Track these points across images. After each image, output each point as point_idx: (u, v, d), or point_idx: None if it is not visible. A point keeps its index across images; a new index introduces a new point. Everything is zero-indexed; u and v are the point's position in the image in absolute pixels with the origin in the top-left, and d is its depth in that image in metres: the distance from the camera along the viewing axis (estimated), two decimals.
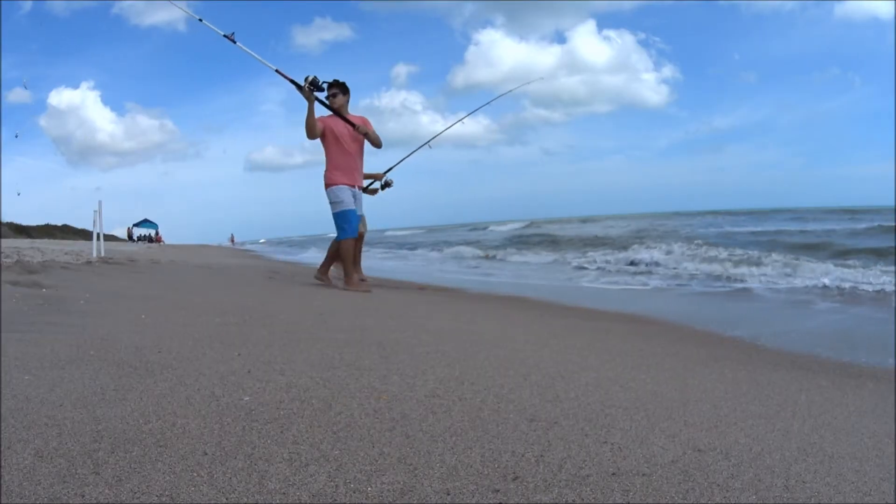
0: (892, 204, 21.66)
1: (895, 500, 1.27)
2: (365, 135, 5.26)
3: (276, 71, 5.09)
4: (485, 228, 41.73)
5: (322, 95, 5.17)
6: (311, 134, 5.10)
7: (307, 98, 4.99)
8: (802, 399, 2.02)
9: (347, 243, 5.25)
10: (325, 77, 5.12)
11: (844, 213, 24.91)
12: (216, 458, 1.26)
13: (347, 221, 5.23)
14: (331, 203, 5.24)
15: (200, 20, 5.29)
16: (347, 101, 5.29)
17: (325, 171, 5.28)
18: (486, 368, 2.18)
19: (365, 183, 6.35)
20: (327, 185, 5.26)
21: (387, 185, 6.53)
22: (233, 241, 53.55)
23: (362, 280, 6.04)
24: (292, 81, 5.04)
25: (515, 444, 1.41)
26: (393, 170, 6.42)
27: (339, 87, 5.23)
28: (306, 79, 4.99)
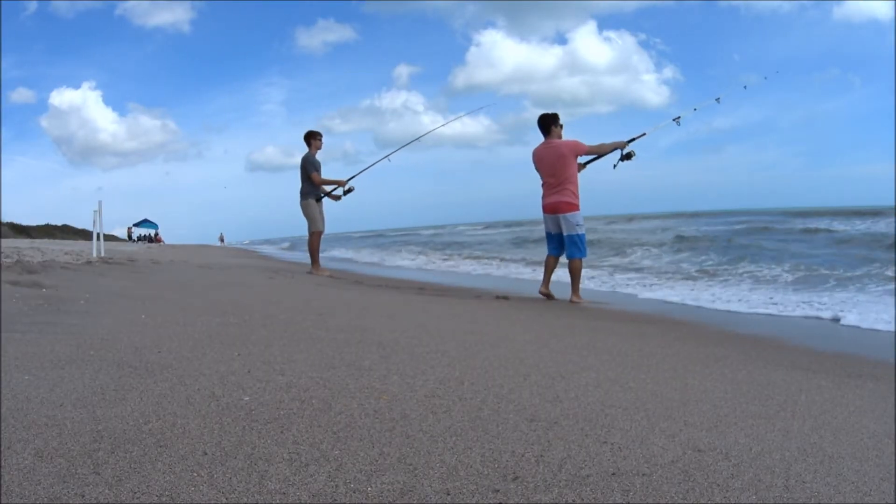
0: (893, 204, 21.66)
1: (895, 500, 1.27)
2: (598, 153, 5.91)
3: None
4: (417, 233, 42.35)
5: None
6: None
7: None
8: (802, 399, 2.02)
9: (581, 262, 5.75)
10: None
11: (829, 213, 24.99)
12: (216, 458, 1.26)
13: (585, 242, 5.77)
14: (576, 225, 5.67)
15: (718, 100, 6.55)
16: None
17: (572, 196, 5.69)
18: (486, 368, 2.18)
19: (328, 188, 7.61)
20: (575, 208, 5.68)
21: (349, 191, 7.56)
22: (222, 239, 53.88)
23: (323, 272, 7.61)
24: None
25: (515, 444, 1.41)
26: (355, 178, 7.60)
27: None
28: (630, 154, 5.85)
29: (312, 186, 7.53)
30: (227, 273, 7.18)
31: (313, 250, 7.73)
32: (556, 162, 5.63)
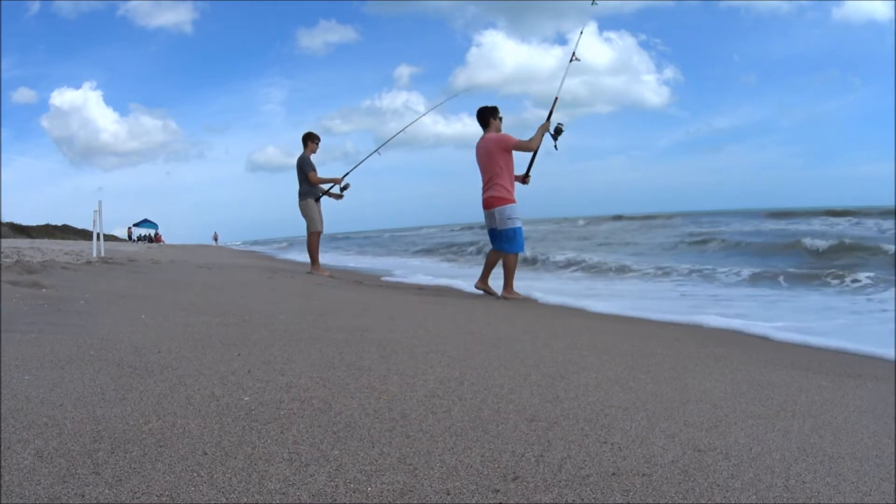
0: (893, 204, 21.68)
1: (895, 500, 1.27)
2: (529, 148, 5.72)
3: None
4: (380, 236, 42.72)
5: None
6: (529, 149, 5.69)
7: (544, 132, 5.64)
8: (802, 399, 2.01)
9: (515, 257, 5.67)
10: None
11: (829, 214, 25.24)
12: (216, 458, 1.26)
13: (521, 237, 5.64)
14: (508, 219, 5.58)
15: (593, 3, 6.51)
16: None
17: (502, 189, 5.59)
18: (486, 368, 2.18)
19: (326, 187, 7.58)
20: (506, 202, 5.58)
21: (345, 187, 7.53)
22: (216, 239, 54.15)
23: (327, 273, 7.51)
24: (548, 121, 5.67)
25: (515, 444, 1.41)
26: (350, 174, 7.54)
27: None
28: (558, 128, 5.62)
29: (311, 186, 7.55)
30: (227, 273, 7.18)
31: (313, 250, 7.75)
32: (485, 158, 5.62)
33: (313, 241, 7.71)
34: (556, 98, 5.85)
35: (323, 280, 6.77)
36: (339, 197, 7.65)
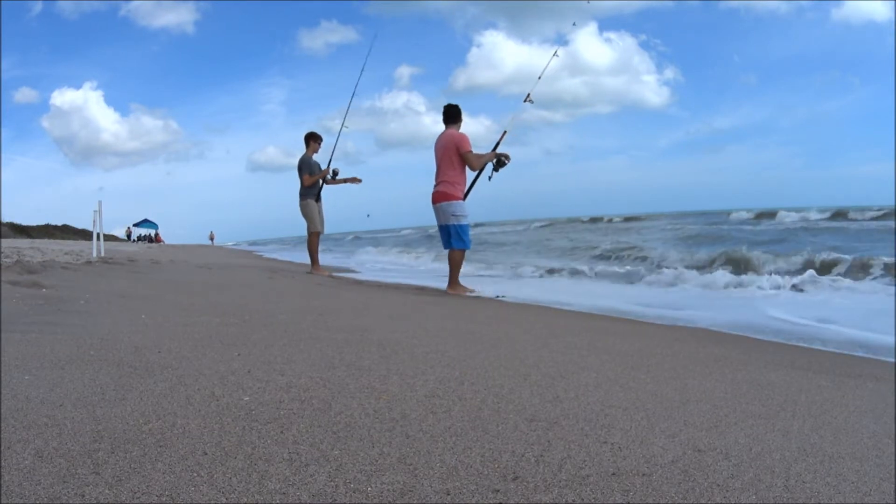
0: (893, 204, 21.67)
1: (895, 500, 1.27)
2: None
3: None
4: (359, 239, 42.93)
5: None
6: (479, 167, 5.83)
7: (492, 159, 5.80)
8: (802, 399, 2.01)
9: (462, 254, 5.73)
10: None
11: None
12: (216, 458, 1.26)
13: (468, 234, 5.73)
14: (453, 215, 5.65)
15: (574, 24, 7.17)
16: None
17: (449, 186, 5.68)
18: (486, 368, 2.18)
19: (324, 183, 7.68)
20: (452, 198, 5.66)
21: (336, 173, 7.65)
22: (212, 238, 54.23)
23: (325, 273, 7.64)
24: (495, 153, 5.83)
25: (515, 444, 1.41)
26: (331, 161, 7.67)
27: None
28: (503, 160, 5.77)
29: (309, 187, 7.58)
30: (227, 273, 7.18)
31: (312, 251, 7.77)
32: (442, 153, 5.69)
33: (313, 242, 7.73)
34: (505, 132, 5.97)
35: (323, 280, 6.77)
36: (330, 182, 7.71)
